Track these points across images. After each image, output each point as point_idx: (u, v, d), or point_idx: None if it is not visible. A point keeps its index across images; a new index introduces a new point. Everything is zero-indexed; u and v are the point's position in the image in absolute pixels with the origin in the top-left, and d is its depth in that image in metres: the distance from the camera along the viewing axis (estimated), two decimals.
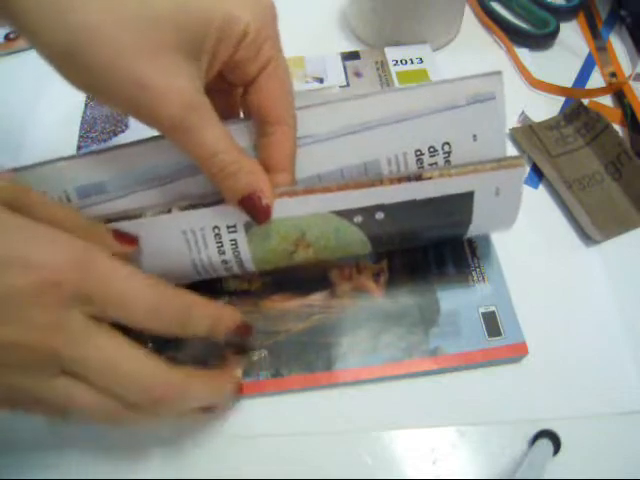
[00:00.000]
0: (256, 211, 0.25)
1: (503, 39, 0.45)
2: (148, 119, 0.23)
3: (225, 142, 0.24)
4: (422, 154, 0.27)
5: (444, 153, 0.27)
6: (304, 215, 0.26)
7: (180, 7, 0.22)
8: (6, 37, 0.47)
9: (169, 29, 0.22)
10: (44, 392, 0.22)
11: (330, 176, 0.27)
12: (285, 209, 0.26)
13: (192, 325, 0.25)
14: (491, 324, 0.30)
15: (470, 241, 0.33)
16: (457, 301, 0.31)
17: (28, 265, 0.20)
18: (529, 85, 0.43)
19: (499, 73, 0.26)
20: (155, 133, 0.25)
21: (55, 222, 0.22)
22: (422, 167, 0.27)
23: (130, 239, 0.26)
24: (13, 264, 0.20)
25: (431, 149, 0.27)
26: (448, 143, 0.27)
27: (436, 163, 0.27)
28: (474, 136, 0.27)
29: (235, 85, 0.26)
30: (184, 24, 0.22)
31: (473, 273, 0.32)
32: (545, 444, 0.27)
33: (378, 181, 0.26)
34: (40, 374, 0.21)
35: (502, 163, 0.26)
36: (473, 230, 0.29)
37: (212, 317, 0.25)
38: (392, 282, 0.32)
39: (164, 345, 0.29)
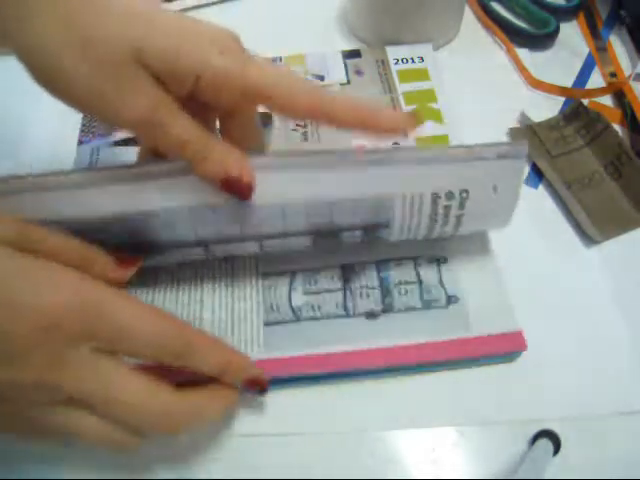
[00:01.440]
0: (238, 190, 0.25)
1: (503, 39, 0.45)
2: (113, 123, 0.25)
3: (192, 132, 0.24)
4: (439, 197, 0.27)
5: (460, 199, 0.27)
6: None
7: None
8: None
9: (123, 45, 0.22)
10: (47, 420, 0.23)
11: (341, 205, 0.27)
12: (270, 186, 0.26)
13: (195, 361, 0.24)
14: None
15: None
16: None
17: (28, 309, 0.21)
18: (529, 85, 0.43)
19: (525, 143, 0.27)
20: None
21: (55, 254, 0.23)
22: (436, 210, 0.28)
23: (132, 261, 0.27)
24: (14, 309, 0.21)
25: (449, 194, 0.27)
26: (467, 190, 0.27)
27: (450, 206, 0.28)
28: (494, 187, 0.27)
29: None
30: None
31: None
32: (545, 444, 0.27)
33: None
34: (42, 406, 0.22)
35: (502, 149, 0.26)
36: (466, 228, 0.29)
37: (218, 360, 0.25)
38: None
39: None
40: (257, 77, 0.24)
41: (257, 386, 0.27)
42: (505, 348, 0.30)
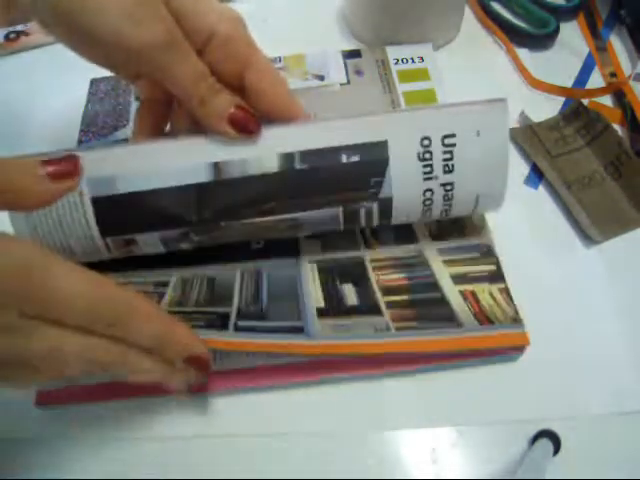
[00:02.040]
0: (246, 123, 0.26)
1: (503, 39, 0.45)
2: (135, 49, 0.25)
3: (206, 69, 0.26)
4: (429, 143, 0.28)
5: (446, 146, 0.28)
6: None
7: None
8: (6, 37, 0.47)
9: None
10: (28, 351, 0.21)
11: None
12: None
13: (130, 331, 0.22)
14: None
15: None
16: None
17: None
18: (529, 85, 0.43)
19: (504, 99, 0.28)
20: None
21: None
22: (426, 154, 0.28)
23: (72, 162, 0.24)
24: None
25: (427, 140, 0.28)
26: (453, 135, 0.28)
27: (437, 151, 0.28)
28: (477, 132, 0.28)
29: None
30: None
31: None
32: (545, 444, 0.27)
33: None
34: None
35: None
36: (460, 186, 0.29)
37: (156, 330, 0.23)
38: None
39: None
40: (262, 55, 0.28)
41: (199, 365, 0.25)
42: (506, 348, 0.30)
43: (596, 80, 0.43)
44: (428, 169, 0.28)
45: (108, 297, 0.22)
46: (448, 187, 0.29)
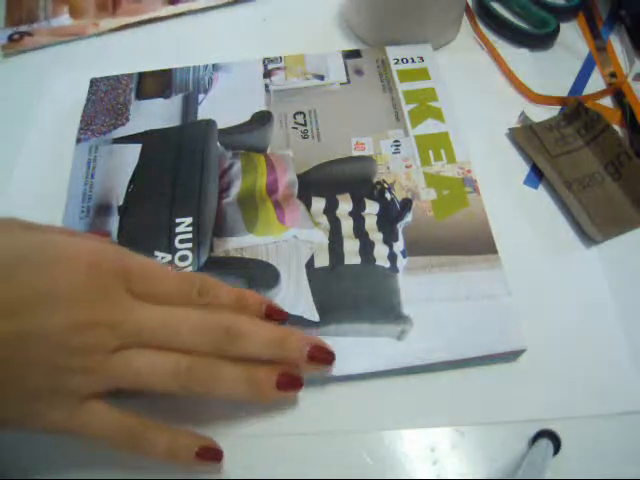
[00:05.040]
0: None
1: (491, 48, 0.45)
2: None
3: None
4: None
5: None
6: None
7: None
8: (10, 38, 0.47)
9: None
10: (106, 368, 0.24)
11: None
12: None
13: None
14: None
15: None
16: None
17: (68, 257, 0.24)
18: (528, 100, 0.42)
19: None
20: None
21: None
22: None
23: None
24: (59, 260, 0.24)
25: None
26: None
27: None
28: None
29: None
30: None
31: None
32: (545, 444, 0.27)
33: None
34: (102, 352, 0.24)
35: None
36: None
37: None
38: None
39: None
40: None
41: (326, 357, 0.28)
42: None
43: (596, 80, 0.43)
44: None
45: (194, 275, 0.29)
46: None
